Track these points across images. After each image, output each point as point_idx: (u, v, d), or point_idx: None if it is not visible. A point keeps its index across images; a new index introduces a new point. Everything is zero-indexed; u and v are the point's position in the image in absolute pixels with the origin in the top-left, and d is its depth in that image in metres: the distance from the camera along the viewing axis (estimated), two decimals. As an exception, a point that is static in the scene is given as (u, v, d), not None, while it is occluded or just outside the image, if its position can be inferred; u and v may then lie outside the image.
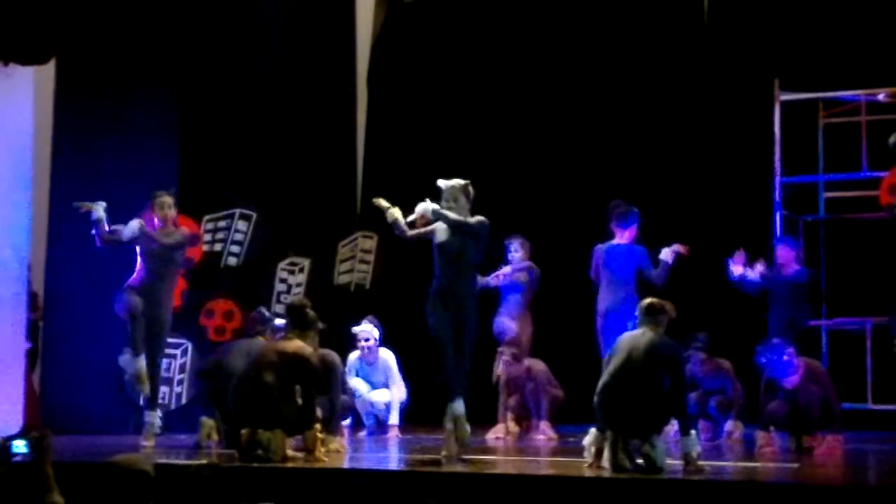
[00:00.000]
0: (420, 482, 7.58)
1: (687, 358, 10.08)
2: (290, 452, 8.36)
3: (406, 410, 11.26)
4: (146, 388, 9.73)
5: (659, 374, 7.73)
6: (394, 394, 11.21)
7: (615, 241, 10.39)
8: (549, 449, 9.94)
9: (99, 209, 9.85)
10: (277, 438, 8.26)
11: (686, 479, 7.37)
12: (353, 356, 11.25)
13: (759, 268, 10.47)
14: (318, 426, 8.49)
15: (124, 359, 10.28)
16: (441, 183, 8.70)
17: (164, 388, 11.25)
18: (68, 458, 7.91)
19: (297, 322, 8.68)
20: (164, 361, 11.22)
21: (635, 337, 7.88)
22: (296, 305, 8.94)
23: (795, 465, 8.35)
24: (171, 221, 9.96)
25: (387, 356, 11.30)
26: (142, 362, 9.67)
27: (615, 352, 7.92)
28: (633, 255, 10.29)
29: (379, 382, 11.29)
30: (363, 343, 11.18)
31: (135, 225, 9.83)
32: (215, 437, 9.56)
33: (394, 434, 10.98)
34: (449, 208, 8.62)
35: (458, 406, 8.52)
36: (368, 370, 11.30)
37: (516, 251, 10.99)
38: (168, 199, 9.93)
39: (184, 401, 11.35)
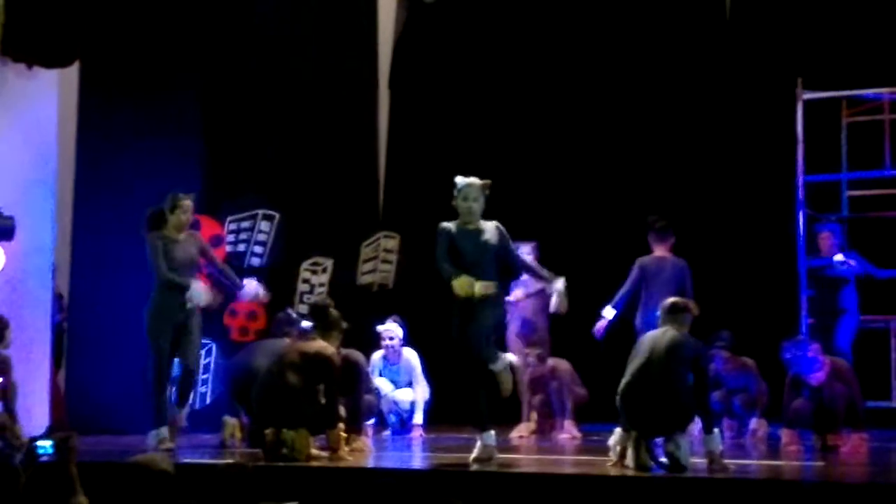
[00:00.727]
0: (445, 481, 7.58)
1: (711, 356, 10.07)
2: (314, 452, 8.39)
3: (429, 410, 11.27)
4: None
5: (681, 373, 7.72)
6: (418, 393, 11.23)
7: (657, 255, 10.58)
8: (574, 448, 9.94)
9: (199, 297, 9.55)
10: (302, 438, 8.29)
11: (710, 478, 7.36)
12: (377, 355, 11.27)
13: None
14: (341, 425, 8.51)
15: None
16: (461, 180, 8.52)
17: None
18: (90, 458, 7.94)
19: (320, 322, 8.71)
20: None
21: (657, 336, 7.88)
22: (319, 305, 8.97)
23: (821, 464, 8.34)
24: (187, 226, 9.80)
25: (410, 356, 11.31)
26: None
27: (637, 351, 7.91)
28: (676, 268, 10.48)
29: (402, 382, 11.31)
30: (387, 342, 11.20)
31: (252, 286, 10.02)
32: (239, 436, 9.59)
33: (417, 433, 10.99)
34: (473, 206, 8.44)
35: None
36: (392, 369, 11.31)
37: (528, 254, 10.95)
38: (191, 204, 9.80)
39: (208, 401, 11.37)
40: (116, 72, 11.28)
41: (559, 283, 8.60)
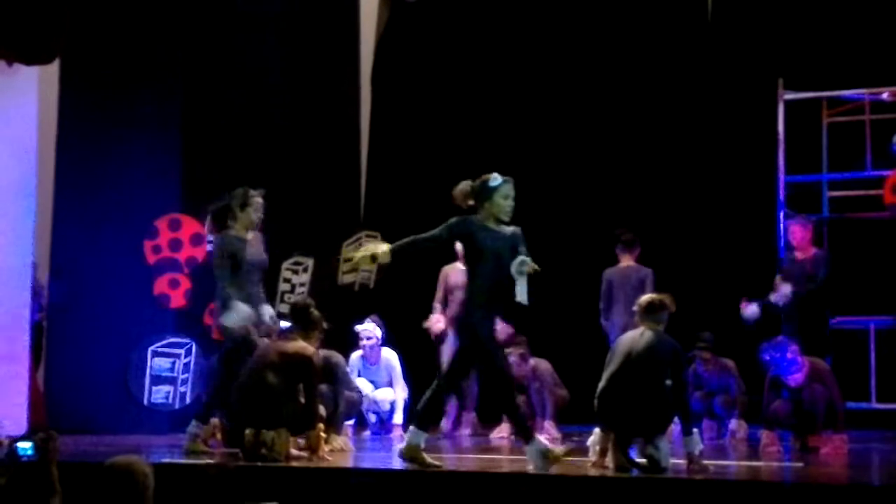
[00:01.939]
0: (423, 481, 7.58)
1: (692, 357, 10.09)
2: (294, 452, 8.38)
3: (409, 410, 11.26)
4: None
5: (660, 374, 7.69)
6: (397, 393, 11.22)
7: (623, 265, 11.00)
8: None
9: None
10: (281, 438, 8.27)
11: (690, 479, 7.36)
12: (356, 355, 11.25)
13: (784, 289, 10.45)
14: (321, 425, 8.49)
15: None
16: (497, 176, 8.27)
17: (168, 388, 11.29)
18: (70, 459, 7.91)
19: (301, 322, 8.70)
20: (169, 361, 11.28)
21: (634, 337, 7.85)
22: (299, 305, 8.96)
23: (800, 465, 8.35)
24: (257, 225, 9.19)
25: (389, 356, 11.30)
26: None
27: (615, 353, 7.89)
28: (639, 277, 10.81)
29: (382, 382, 11.30)
30: (365, 342, 11.19)
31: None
32: (219, 436, 9.56)
33: (397, 433, 10.98)
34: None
35: None
36: (371, 370, 11.30)
37: None
38: (262, 201, 9.15)
39: (188, 400, 11.35)
40: (97, 69, 11.27)
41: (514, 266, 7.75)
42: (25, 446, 5.87)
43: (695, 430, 7.82)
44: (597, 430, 7.86)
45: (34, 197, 10.45)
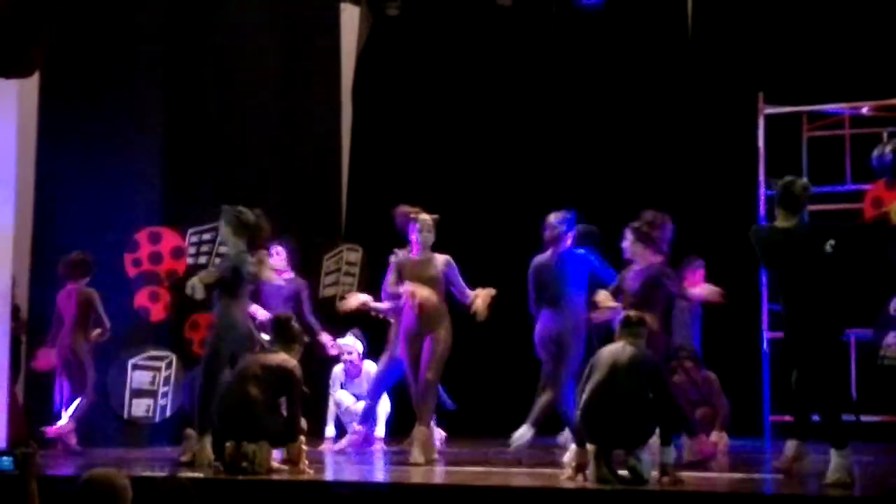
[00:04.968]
0: (404, 494, 7.57)
1: (673, 369, 10.09)
2: (275, 465, 8.35)
3: (390, 422, 11.23)
4: None
5: (643, 388, 7.74)
6: (379, 406, 11.19)
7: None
8: (534, 461, 9.90)
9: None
10: (262, 451, 8.26)
11: (676, 491, 7.37)
12: (338, 368, 11.24)
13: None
14: (302, 438, 8.48)
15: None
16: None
17: (148, 402, 11.25)
18: (48, 472, 7.89)
19: (282, 335, 8.70)
20: (149, 374, 11.25)
21: (616, 352, 7.88)
22: (281, 319, 8.95)
23: (780, 477, 8.36)
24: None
25: (371, 368, 11.28)
26: None
27: (595, 367, 7.90)
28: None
29: (363, 394, 11.27)
30: (346, 356, 11.18)
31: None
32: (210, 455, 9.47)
33: (378, 447, 10.96)
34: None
35: None
36: (354, 383, 11.28)
37: None
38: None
39: (168, 413, 11.31)
40: (78, 82, 11.24)
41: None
42: (5, 461, 5.83)
43: (672, 443, 7.81)
44: (572, 447, 7.89)
45: (13, 211, 10.40)
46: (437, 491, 7.72)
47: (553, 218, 9.71)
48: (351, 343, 11.19)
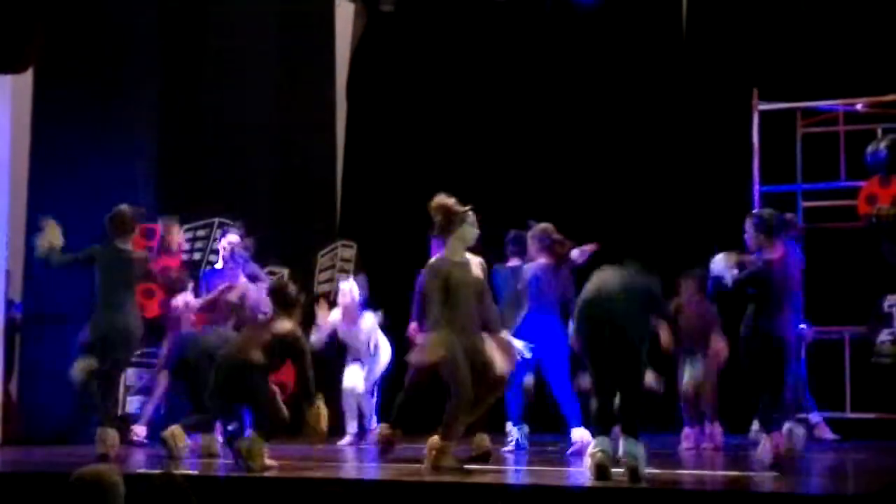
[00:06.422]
0: (401, 491, 7.56)
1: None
2: (268, 462, 8.34)
3: (387, 377, 11.07)
4: None
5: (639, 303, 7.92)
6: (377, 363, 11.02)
7: (512, 264, 10.61)
8: (527, 458, 9.91)
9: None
10: (256, 446, 8.25)
11: (674, 489, 7.38)
12: (336, 312, 11.03)
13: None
14: (320, 403, 8.49)
15: None
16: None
17: (142, 399, 11.24)
18: (41, 469, 7.89)
19: (280, 302, 8.78)
20: (144, 372, 11.25)
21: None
22: (276, 287, 9.13)
23: (773, 474, 8.36)
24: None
25: (370, 321, 11.03)
26: None
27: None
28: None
29: (362, 346, 11.04)
30: (340, 299, 11.00)
31: None
32: (215, 450, 9.44)
33: (374, 440, 10.89)
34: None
35: None
36: (351, 333, 11.11)
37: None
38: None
39: (162, 411, 11.28)
40: (71, 78, 11.22)
41: None
42: None
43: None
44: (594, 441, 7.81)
45: (7, 207, 10.41)
46: (433, 488, 7.70)
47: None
48: (348, 288, 11.04)
